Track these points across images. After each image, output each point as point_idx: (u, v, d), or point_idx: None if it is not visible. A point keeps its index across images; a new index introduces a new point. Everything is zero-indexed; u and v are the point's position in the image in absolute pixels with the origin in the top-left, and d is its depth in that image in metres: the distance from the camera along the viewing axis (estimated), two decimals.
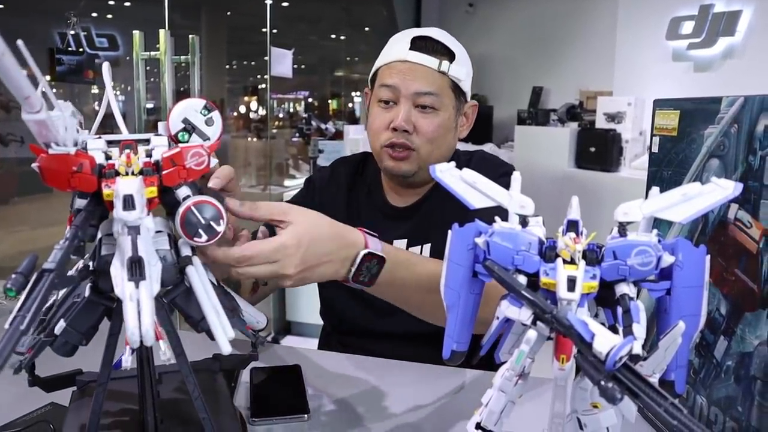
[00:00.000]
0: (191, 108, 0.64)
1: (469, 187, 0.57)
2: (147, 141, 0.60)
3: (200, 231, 0.58)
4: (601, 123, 4.36)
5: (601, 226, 0.52)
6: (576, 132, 4.32)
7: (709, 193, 0.52)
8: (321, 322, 1.35)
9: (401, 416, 0.84)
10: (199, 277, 0.57)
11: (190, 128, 0.63)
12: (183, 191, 0.59)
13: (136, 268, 0.49)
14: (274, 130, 6.29)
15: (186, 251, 0.59)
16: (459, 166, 1.26)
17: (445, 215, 0.80)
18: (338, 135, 4.34)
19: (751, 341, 0.62)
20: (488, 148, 4.57)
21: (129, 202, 0.50)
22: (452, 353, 0.58)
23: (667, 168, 0.77)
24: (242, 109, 7.97)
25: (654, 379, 0.52)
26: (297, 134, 5.08)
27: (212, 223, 0.58)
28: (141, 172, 0.56)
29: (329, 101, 9.48)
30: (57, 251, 0.50)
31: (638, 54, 4.69)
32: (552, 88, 5.68)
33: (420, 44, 1.11)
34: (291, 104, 9.60)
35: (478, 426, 0.58)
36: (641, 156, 4.06)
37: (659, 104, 0.80)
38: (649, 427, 0.79)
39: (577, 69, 5.51)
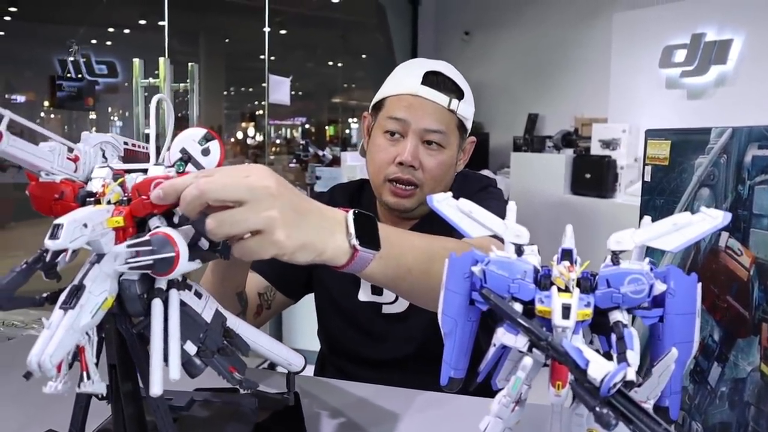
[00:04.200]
0: (189, 138, 0.63)
1: (465, 216, 0.58)
2: (145, 171, 0.61)
3: (154, 263, 0.53)
4: (596, 149, 4.41)
5: (597, 251, 0.54)
6: (571, 158, 4.37)
7: (699, 223, 0.53)
8: (317, 349, 1.36)
9: None
10: (160, 312, 0.54)
11: (186, 158, 0.62)
12: (154, 222, 0.57)
13: (72, 296, 0.49)
14: (272, 156, 6.33)
15: (160, 284, 0.56)
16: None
17: None
18: (335, 161, 4.37)
19: (744, 367, 0.62)
20: (484, 174, 4.60)
21: (54, 231, 0.48)
22: (450, 380, 0.58)
23: (660, 197, 0.78)
24: (240, 135, 8.03)
25: (648, 405, 0.53)
26: (294, 160, 5.11)
27: (164, 256, 0.53)
28: (120, 202, 0.56)
29: (326, 127, 9.55)
30: (10, 273, 0.50)
31: (632, 81, 4.75)
32: (547, 115, 5.75)
33: (432, 79, 1.10)
34: (288, 130, 9.67)
35: None
36: (636, 182, 4.09)
37: (651, 134, 0.82)
38: None
39: (572, 96, 5.58)
